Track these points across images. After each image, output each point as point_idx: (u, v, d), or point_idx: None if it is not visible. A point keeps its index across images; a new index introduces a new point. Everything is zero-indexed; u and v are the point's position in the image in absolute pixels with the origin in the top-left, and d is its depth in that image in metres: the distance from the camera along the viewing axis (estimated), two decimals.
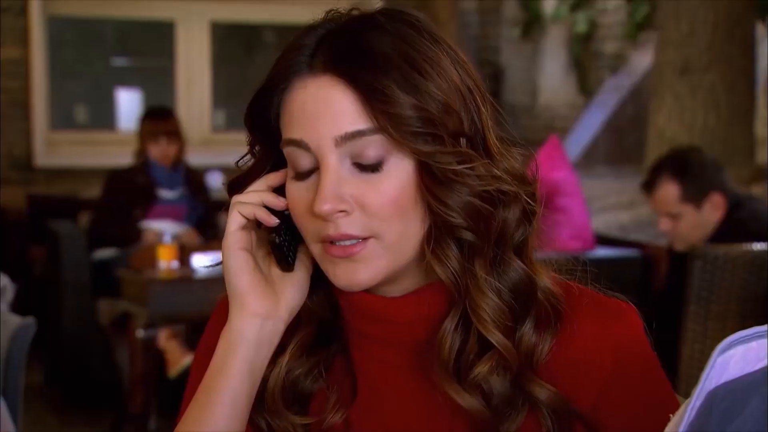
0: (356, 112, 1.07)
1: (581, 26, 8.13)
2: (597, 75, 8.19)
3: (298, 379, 1.17)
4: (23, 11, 6.98)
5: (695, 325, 3.16)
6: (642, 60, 7.73)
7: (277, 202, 1.14)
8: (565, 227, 4.30)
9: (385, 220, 1.08)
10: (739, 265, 3.13)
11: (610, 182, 6.83)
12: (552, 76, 8.40)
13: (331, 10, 1.14)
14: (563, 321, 1.13)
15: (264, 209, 1.14)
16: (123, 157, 5.64)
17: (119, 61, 8.16)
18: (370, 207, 1.08)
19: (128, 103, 7.78)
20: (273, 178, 1.16)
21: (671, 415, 0.90)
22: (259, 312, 1.13)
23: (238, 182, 1.18)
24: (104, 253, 5.17)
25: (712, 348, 0.87)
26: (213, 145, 7.33)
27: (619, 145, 7.71)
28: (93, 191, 5.92)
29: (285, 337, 1.16)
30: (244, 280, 1.14)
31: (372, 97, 1.06)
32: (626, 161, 7.43)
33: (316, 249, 1.12)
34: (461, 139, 1.09)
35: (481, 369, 1.10)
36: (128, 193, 5.23)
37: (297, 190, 1.12)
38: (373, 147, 1.08)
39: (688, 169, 3.46)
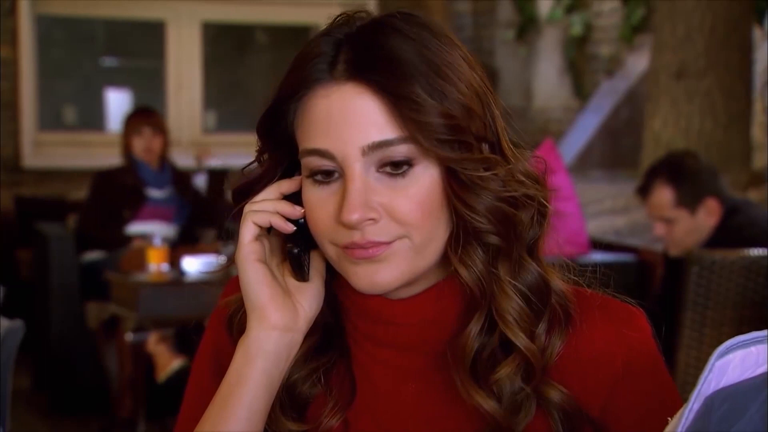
0: (384, 121, 1.06)
1: (576, 29, 8.11)
2: (592, 78, 8.18)
3: (296, 383, 1.16)
4: (11, 11, 6.94)
5: (691, 332, 3.14)
6: (638, 63, 7.72)
7: (293, 211, 1.12)
8: (559, 231, 4.28)
9: (414, 225, 1.08)
10: (735, 270, 3.11)
11: (605, 186, 6.82)
12: (547, 78, 8.39)
13: (342, 14, 1.12)
14: (573, 323, 1.13)
15: (280, 216, 1.11)
16: (112, 158, 5.62)
17: (109, 62, 8.14)
18: (399, 213, 1.08)
19: (117, 104, 7.75)
20: (286, 186, 1.14)
21: (669, 419, 0.89)
22: (279, 325, 1.12)
23: (245, 189, 1.16)
24: (93, 255, 5.14)
25: (708, 354, 0.88)
26: (204, 147, 7.28)
27: (614, 149, 7.70)
28: (81, 193, 5.89)
29: None
30: (263, 292, 1.12)
31: (401, 105, 1.05)
32: (621, 165, 7.42)
33: (332, 250, 1.10)
34: (483, 144, 1.09)
35: (504, 372, 1.10)
36: (116, 194, 5.21)
37: (318, 198, 1.09)
38: (400, 155, 1.07)
39: (682, 174, 3.46)
